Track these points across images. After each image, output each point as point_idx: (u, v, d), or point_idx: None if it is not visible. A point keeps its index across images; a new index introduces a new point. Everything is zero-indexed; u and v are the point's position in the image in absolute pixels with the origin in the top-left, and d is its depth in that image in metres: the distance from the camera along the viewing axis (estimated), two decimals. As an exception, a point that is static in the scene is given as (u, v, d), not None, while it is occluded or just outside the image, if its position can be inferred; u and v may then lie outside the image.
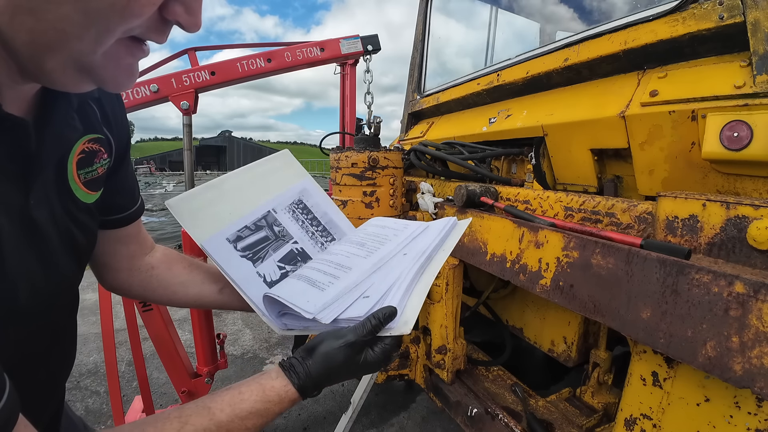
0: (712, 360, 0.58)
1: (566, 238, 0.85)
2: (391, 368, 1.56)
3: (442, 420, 2.28)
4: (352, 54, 2.38)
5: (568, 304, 0.85)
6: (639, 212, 0.82)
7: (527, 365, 1.79)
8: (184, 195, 0.73)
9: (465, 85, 1.91)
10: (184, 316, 3.56)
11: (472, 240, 1.18)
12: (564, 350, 1.38)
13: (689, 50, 1.02)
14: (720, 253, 0.65)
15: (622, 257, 0.72)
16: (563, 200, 1.00)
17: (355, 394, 1.35)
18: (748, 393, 0.61)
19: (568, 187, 1.41)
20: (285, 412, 2.36)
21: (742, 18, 0.88)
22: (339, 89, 2.62)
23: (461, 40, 2.80)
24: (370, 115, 2.40)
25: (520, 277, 0.99)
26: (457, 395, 1.35)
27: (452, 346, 1.40)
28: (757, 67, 0.85)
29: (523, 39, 2.54)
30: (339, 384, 2.61)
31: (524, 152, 1.54)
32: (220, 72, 1.99)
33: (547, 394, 1.34)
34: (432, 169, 1.69)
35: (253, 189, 0.81)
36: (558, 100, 1.41)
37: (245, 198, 0.80)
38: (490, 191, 1.21)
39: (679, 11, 1.02)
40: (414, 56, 2.43)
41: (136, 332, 1.72)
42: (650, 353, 0.74)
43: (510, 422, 1.16)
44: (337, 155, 1.46)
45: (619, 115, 1.10)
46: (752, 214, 0.61)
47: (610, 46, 1.19)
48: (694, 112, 0.94)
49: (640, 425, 0.77)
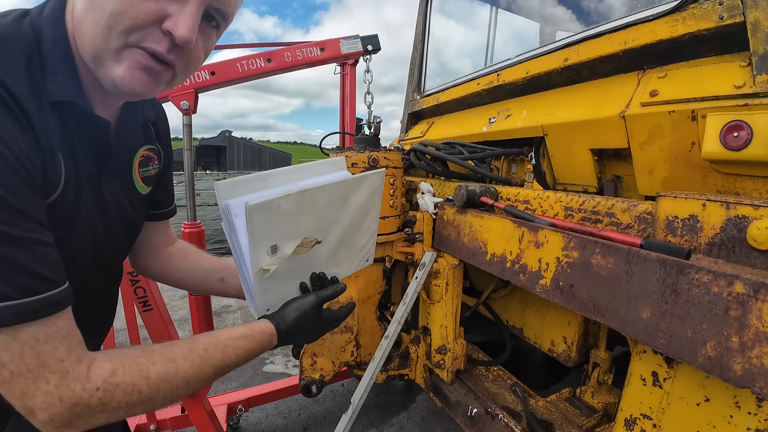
0: (712, 360, 0.58)
1: (566, 238, 0.85)
2: (391, 368, 1.56)
3: (442, 420, 2.28)
4: (352, 54, 2.38)
5: (568, 304, 0.85)
6: (639, 212, 0.82)
7: (527, 365, 1.79)
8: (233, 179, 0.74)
9: (465, 85, 1.91)
10: (184, 317, 3.56)
11: (472, 240, 1.18)
12: (564, 350, 1.38)
13: (689, 50, 1.02)
14: (720, 253, 0.65)
15: (622, 257, 0.72)
16: (563, 200, 1.00)
17: (355, 394, 1.35)
18: (748, 393, 0.61)
19: (568, 187, 1.41)
20: (285, 413, 2.33)
21: (742, 18, 0.88)
22: (338, 89, 2.62)
23: (461, 40, 2.80)
24: (370, 115, 2.39)
25: (520, 277, 0.99)
26: (457, 395, 1.35)
27: (452, 346, 1.40)
28: (757, 67, 0.85)
29: (523, 39, 2.54)
30: (339, 384, 2.62)
31: (524, 152, 1.54)
32: (220, 72, 1.98)
33: (547, 394, 1.34)
34: (432, 169, 1.69)
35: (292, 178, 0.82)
36: (558, 100, 1.41)
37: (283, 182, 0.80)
38: (490, 191, 1.21)
39: (679, 11, 1.02)
40: (414, 56, 2.43)
41: (136, 332, 1.73)
42: (650, 353, 0.74)
43: (510, 422, 1.16)
44: (337, 155, 1.45)
45: (619, 115, 1.10)
46: (752, 214, 0.61)
47: (610, 46, 1.19)
48: (694, 112, 0.94)
49: (640, 425, 0.77)
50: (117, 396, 0.53)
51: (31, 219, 0.48)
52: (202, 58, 0.64)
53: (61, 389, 0.49)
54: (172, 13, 0.54)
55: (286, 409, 2.38)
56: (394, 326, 1.38)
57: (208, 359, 0.63)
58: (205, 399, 1.82)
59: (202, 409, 1.76)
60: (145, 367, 0.56)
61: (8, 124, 0.47)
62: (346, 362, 1.51)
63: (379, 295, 1.52)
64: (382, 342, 1.40)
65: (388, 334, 1.39)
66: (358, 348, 1.51)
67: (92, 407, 0.51)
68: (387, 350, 1.39)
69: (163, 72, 0.58)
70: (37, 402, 0.48)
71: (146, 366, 0.57)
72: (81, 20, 0.54)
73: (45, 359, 0.48)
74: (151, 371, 0.57)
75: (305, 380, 1.45)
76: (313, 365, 1.47)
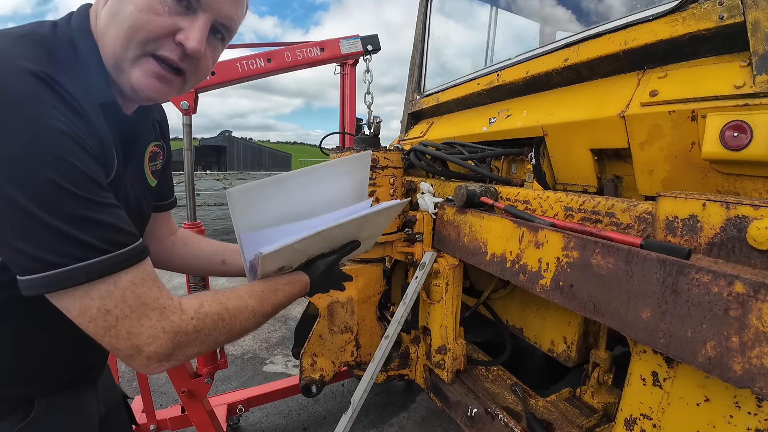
0: (712, 360, 0.58)
1: (566, 238, 0.85)
2: (391, 368, 1.56)
3: (442, 420, 2.28)
4: (352, 54, 2.37)
5: (568, 304, 0.85)
6: (639, 212, 0.82)
7: (527, 365, 1.79)
8: (246, 185, 0.75)
9: (465, 85, 1.91)
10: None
11: (472, 240, 1.18)
12: (564, 350, 1.38)
13: (689, 50, 1.02)
14: (720, 253, 0.65)
15: (622, 257, 0.72)
16: (563, 200, 1.00)
17: (355, 394, 1.35)
18: (748, 393, 0.61)
19: (568, 187, 1.41)
20: (285, 412, 2.33)
21: (742, 18, 0.88)
22: (338, 89, 2.62)
23: (461, 40, 2.80)
24: (370, 115, 2.39)
25: (520, 277, 0.99)
26: (457, 395, 1.35)
27: (452, 346, 1.40)
28: (757, 67, 0.85)
29: (523, 39, 2.54)
30: (339, 384, 2.62)
31: (524, 152, 1.54)
32: (220, 72, 1.98)
33: (547, 394, 1.34)
34: (432, 169, 1.69)
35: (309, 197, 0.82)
36: (558, 100, 1.41)
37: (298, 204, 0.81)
38: (490, 191, 1.21)
39: (679, 11, 1.02)
40: (414, 56, 2.43)
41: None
42: (650, 353, 0.74)
43: (510, 422, 1.16)
44: (337, 155, 1.46)
45: (619, 115, 1.10)
46: (752, 214, 0.61)
47: (610, 46, 1.19)
48: (694, 112, 0.94)
49: (640, 425, 0.77)
50: (207, 323, 0.62)
51: (106, 189, 0.57)
52: (210, 67, 0.72)
53: (162, 321, 0.57)
54: (184, 27, 0.62)
55: (286, 409, 2.38)
56: (394, 326, 1.38)
57: (265, 298, 0.74)
58: (205, 399, 1.82)
59: (202, 409, 1.76)
60: (223, 301, 0.66)
61: (74, 118, 0.54)
62: (346, 362, 1.51)
63: (379, 295, 1.52)
64: (382, 342, 1.40)
65: (388, 334, 1.39)
66: (358, 348, 1.51)
67: (189, 334, 0.59)
68: (387, 350, 1.39)
69: (174, 79, 0.67)
70: (143, 338, 0.55)
71: (223, 300, 0.66)
72: (104, 33, 0.62)
73: (144, 299, 0.56)
74: (228, 304, 0.66)
75: (305, 380, 1.46)
76: (313, 365, 1.47)
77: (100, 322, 0.54)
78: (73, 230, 0.51)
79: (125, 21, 0.60)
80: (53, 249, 0.51)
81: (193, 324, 0.60)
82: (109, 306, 0.54)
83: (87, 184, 0.53)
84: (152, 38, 0.61)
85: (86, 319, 0.54)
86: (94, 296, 0.53)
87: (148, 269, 0.59)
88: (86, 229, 0.53)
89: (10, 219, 0.49)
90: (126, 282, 0.55)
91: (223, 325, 0.64)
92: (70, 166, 0.51)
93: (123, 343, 0.55)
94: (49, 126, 0.50)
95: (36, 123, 0.50)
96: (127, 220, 0.59)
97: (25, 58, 0.52)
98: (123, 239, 0.56)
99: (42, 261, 0.51)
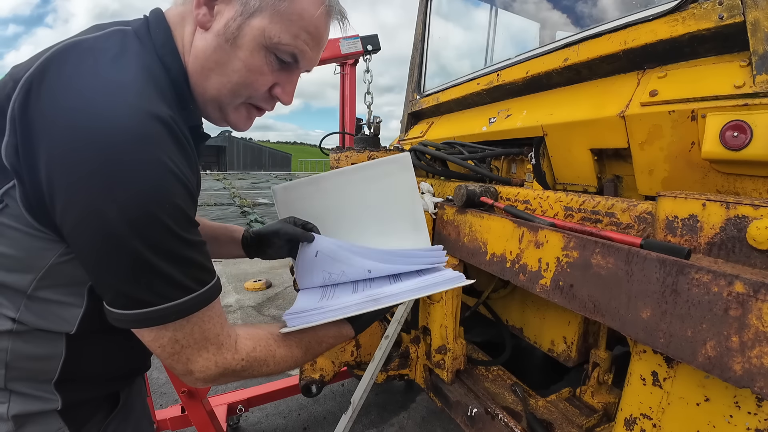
0: (712, 360, 0.58)
1: (566, 238, 0.85)
2: (391, 368, 1.56)
3: (442, 420, 2.28)
4: (351, 54, 2.38)
5: (568, 304, 0.85)
6: (639, 212, 0.82)
7: (527, 365, 1.79)
8: (286, 184, 0.83)
9: (465, 85, 1.91)
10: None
11: (472, 240, 1.18)
12: (564, 350, 1.38)
13: (689, 50, 1.02)
14: (720, 253, 0.65)
15: (622, 257, 0.72)
16: (563, 200, 1.00)
17: (355, 394, 1.35)
18: (748, 393, 0.61)
19: (568, 187, 1.41)
20: (285, 412, 2.33)
21: (741, 18, 0.88)
22: (336, 89, 2.62)
23: (461, 40, 2.80)
24: (370, 114, 2.40)
25: (520, 277, 0.99)
26: (457, 395, 1.35)
27: (452, 346, 1.40)
28: (756, 66, 0.85)
29: (522, 39, 2.54)
30: (339, 384, 2.62)
31: (524, 152, 1.54)
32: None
33: (547, 394, 1.34)
34: (432, 169, 1.69)
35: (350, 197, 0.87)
36: (558, 100, 1.41)
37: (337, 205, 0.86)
38: (489, 191, 1.21)
39: (678, 11, 1.02)
40: (414, 56, 2.42)
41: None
42: (650, 353, 0.74)
43: (510, 422, 1.16)
44: (337, 155, 1.46)
45: (618, 115, 1.10)
46: (752, 213, 0.61)
47: (609, 46, 1.19)
48: (694, 111, 0.94)
49: (640, 425, 0.77)
50: (254, 366, 0.67)
51: (196, 224, 0.59)
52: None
53: (217, 357, 0.61)
54: (281, 83, 0.69)
55: (286, 409, 2.38)
56: (394, 326, 1.38)
57: (310, 348, 0.78)
58: (205, 399, 1.81)
59: (202, 409, 1.76)
60: (273, 348, 0.70)
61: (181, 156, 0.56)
62: (346, 362, 1.51)
63: (379, 295, 1.52)
64: (382, 342, 1.40)
65: (388, 334, 1.39)
66: (358, 348, 1.51)
67: (236, 372, 0.64)
68: (387, 350, 1.39)
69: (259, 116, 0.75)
70: (197, 366, 0.60)
71: (274, 347, 0.71)
72: (205, 75, 0.65)
73: (208, 334, 0.60)
74: (276, 352, 0.71)
75: (305, 380, 1.46)
76: (313, 365, 1.47)
77: (167, 349, 0.58)
78: (172, 272, 0.54)
79: (233, 76, 0.64)
80: (149, 289, 0.54)
81: (242, 365, 0.65)
82: (179, 337, 0.58)
83: (188, 225, 0.56)
84: (255, 94, 0.68)
85: (157, 345, 0.58)
86: (169, 328, 0.57)
87: (217, 306, 0.63)
88: (183, 271, 0.56)
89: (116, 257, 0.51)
90: (197, 318, 0.59)
91: (266, 369, 0.69)
92: (180, 211, 0.54)
93: (180, 366, 0.60)
94: (168, 171, 0.53)
95: (158, 169, 0.52)
96: (209, 255, 0.62)
97: (143, 98, 0.53)
98: (206, 277, 0.60)
99: (135, 300, 0.54)
